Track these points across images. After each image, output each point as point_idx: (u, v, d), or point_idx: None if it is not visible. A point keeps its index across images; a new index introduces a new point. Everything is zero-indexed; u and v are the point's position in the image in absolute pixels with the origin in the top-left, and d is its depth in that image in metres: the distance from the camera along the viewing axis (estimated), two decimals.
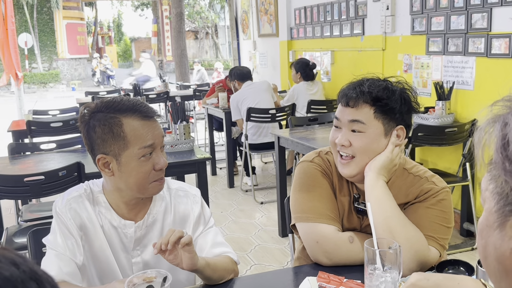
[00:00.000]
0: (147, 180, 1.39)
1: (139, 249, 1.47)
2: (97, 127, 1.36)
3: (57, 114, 5.35)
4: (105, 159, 1.37)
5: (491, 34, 3.41)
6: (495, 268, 0.58)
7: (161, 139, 1.42)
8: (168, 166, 1.45)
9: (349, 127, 1.44)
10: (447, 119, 3.63)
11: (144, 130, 1.37)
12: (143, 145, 1.36)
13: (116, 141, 1.35)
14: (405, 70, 4.32)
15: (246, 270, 3.33)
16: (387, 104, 1.41)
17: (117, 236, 1.45)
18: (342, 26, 5.34)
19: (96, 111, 1.37)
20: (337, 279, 1.33)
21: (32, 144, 3.71)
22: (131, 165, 1.36)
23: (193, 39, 32.05)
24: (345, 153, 1.45)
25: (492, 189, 0.57)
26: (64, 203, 1.42)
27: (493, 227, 0.57)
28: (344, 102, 1.45)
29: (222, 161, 5.87)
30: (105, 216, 1.44)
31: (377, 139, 1.43)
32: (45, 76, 22.20)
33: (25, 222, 2.93)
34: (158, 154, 1.40)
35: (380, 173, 1.42)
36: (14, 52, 7.27)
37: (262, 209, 4.55)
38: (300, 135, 3.64)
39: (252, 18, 7.62)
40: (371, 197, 1.40)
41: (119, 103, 1.38)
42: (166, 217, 1.50)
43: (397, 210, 1.39)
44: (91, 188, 1.47)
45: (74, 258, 1.39)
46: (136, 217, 1.47)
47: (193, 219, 1.51)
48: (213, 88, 6.03)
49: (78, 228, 1.41)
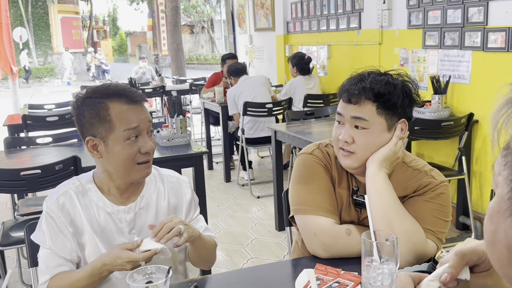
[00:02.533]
0: (133, 162, 1.42)
1: (134, 232, 1.50)
2: (86, 111, 1.41)
3: (53, 109, 5.33)
4: (94, 141, 1.42)
5: (487, 28, 3.41)
6: (504, 255, 0.57)
7: (147, 123, 1.44)
8: (165, 160, 1.47)
9: (352, 123, 1.43)
10: (444, 113, 3.64)
11: (129, 113, 1.40)
12: (128, 127, 1.39)
13: (103, 124, 1.39)
14: (402, 64, 4.33)
15: (243, 263, 3.34)
16: (390, 99, 1.41)
17: (112, 222, 1.48)
18: (338, 20, 5.33)
19: (86, 97, 1.43)
20: (334, 271, 1.34)
21: (28, 138, 3.70)
22: (117, 148, 1.40)
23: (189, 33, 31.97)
24: (348, 149, 1.45)
25: (507, 175, 0.56)
26: (53, 201, 1.44)
27: (505, 214, 0.56)
28: (346, 98, 1.44)
29: (219, 156, 5.87)
30: (98, 205, 1.46)
31: (381, 134, 1.43)
32: (40, 71, 22.10)
33: (22, 216, 2.93)
34: (144, 137, 1.43)
35: (382, 165, 1.42)
36: (9, 47, 7.23)
37: (259, 203, 4.56)
38: (296, 129, 3.65)
39: (248, 12, 7.60)
40: (372, 188, 1.40)
41: (107, 88, 1.43)
42: (159, 201, 1.54)
43: (397, 202, 1.40)
44: (80, 181, 1.50)
45: (67, 255, 1.43)
46: (128, 201, 1.50)
47: (186, 204, 1.59)
48: (209, 80, 6.03)
49: (69, 224, 1.44)
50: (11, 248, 2.67)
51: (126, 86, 1.46)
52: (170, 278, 1.20)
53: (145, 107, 1.47)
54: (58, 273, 1.42)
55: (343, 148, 1.46)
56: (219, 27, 29.67)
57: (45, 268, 1.42)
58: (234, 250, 3.57)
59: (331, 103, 4.97)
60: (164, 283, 1.19)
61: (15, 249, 3.00)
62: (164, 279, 1.19)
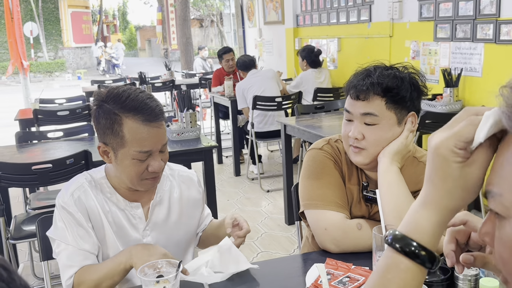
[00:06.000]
0: (139, 178, 1.41)
1: (148, 228, 1.50)
2: (101, 118, 1.38)
3: (64, 103, 5.36)
4: (105, 148, 1.41)
5: (499, 20, 3.37)
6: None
7: (161, 145, 1.40)
8: (175, 154, 1.47)
9: (361, 120, 1.42)
10: (455, 106, 3.60)
11: (143, 135, 1.36)
12: (139, 150, 1.36)
13: (115, 138, 1.37)
14: (413, 57, 4.29)
15: (253, 257, 3.35)
16: (398, 93, 1.40)
17: (126, 218, 1.47)
18: (348, 12, 5.29)
19: (104, 101, 1.38)
20: (345, 266, 1.34)
21: (39, 132, 3.72)
22: (125, 162, 1.38)
23: (198, 27, 31.92)
24: (358, 146, 1.43)
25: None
26: (69, 196, 1.43)
27: None
28: (354, 95, 1.42)
29: (228, 150, 5.87)
30: (111, 200, 1.46)
31: (391, 129, 1.42)
32: (51, 65, 22.23)
33: (33, 210, 2.95)
34: (155, 157, 1.40)
35: (394, 159, 1.41)
36: (20, 42, 7.27)
37: (268, 197, 4.56)
38: (306, 123, 3.63)
39: (257, 5, 7.57)
40: (384, 182, 1.39)
41: (126, 99, 1.36)
42: (172, 197, 1.55)
43: (409, 196, 1.39)
44: (92, 176, 1.48)
45: (88, 249, 1.41)
46: (141, 198, 1.49)
47: (201, 199, 1.64)
48: (214, 78, 6.01)
49: (87, 217, 1.43)
50: (23, 241, 2.70)
51: (146, 99, 1.37)
52: (180, 273, 1.20)
53: (163, 126, 1.41)
54: (84, 266, 1.39)
55: (353, 145, 1.44)
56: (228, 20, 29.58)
57: (71, 262, 1.39)
58: (244, 244, 3.57)
59: (341, 96, 4.94)
60: (174, 278, 1.19)
61: (27, 242, 3.03)
62: (174, 273, 1.20)
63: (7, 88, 17.67)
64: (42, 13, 22.61)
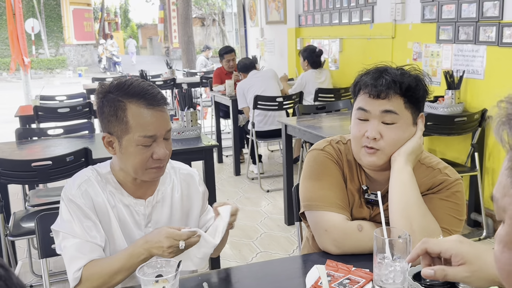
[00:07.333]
0: (144, 166, 1.40)
1: (150, 226, 1.49)
2: (106, 107, 1.39)
3: (64, 100, 5.35)
4: (109, 138, 1.42)
5: (502, 22, 3.36)
6: None
7: (165, 130, 1.41)
8: (175, 153, 1.46)
9: (380, 119, 1.40)
10: (457, 108, 3.59)
11: (147, 119, 1.37)
12: (143, 135, 1.37)
13: (119, 124, 1.38)
14: (415, 58, 4.28)
15: (252, 257, 3.34)
16: (416, 93, 1.40)
17: (130, 214, 1.47)
18: (351, 13, 5.28)
19: (108, 92, 1.40)
20: (345, 268, 1.33)
21: (39, 129, 3.72)
22: (130, 149, 1.39)
23: (200, 26, 31.90)
24: (374, 147, 1.40)
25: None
26: (76, 188, 1.42)
27: None
28: (374, 93, 1.39)
29: (229, 149, 5.86)
30: (116, 196, 1.46)
31: (408, 129, 1.41)
32: (52, 62, 22.22)
33: (32, 207, 2.94)
34: (159, 144, 1.40)
35: (409, 159, 1.40)
36: (21, 38, 7.26)
37: (268, 197, 4.55)
38: (307, 123, 3.62)
39: (259, 5, 7.56)
40: (397, 181, 1.38)
41: (129, 86, 1.39)
42: (173, 194, 1.54)
43: (420, 199, 1.38)
44: (98, 171, 1.48)
45: (96, 241, 1.40)
46: (145, 195, 1.49)
47: (201, 196, 1.61)
48: (215, 76, 6.01)
49: (94, 210, 1.42)
50: (22, 238, 2.69)
51: (148, 86, 1.41)
52: (180, 272, 1.20)
53: (166, 111, 1.42)
54: (92, 260, 1.37)
55: (368, 145, 1.41)
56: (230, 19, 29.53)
57: (79, 253, 1.37)
58: (243, 243, 3.57)
59: (343, 97, 4.93)
60: (174, 277, 1.18)
61: (26, 239, 3.03)
62: (174, 273, 1.19)
63: (8, 84, 17.68)
64: (43, 10, 22.60)
